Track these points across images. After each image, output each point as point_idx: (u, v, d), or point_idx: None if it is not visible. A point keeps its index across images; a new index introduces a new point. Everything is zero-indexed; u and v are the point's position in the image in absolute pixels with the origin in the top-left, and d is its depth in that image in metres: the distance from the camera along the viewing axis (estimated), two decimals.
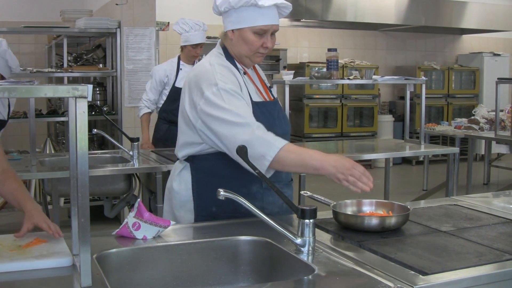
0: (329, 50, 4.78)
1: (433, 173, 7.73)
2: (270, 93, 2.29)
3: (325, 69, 4.84)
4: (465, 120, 7.15)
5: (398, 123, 9.42)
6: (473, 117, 7.11)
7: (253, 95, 2.16)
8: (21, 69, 5.34)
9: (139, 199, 1.88)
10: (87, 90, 1.39)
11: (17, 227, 1.82)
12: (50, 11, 7.59)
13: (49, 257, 1.62)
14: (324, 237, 1.88)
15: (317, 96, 9.01)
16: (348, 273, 1.55)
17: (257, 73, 2.31)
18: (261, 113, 2.12)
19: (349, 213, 2.02)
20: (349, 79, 5.17)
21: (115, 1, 5.69)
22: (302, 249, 1.70)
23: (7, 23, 6.94)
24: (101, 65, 6.22)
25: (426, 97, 5.16)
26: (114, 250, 1.74)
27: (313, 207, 1.70)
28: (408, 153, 5.21)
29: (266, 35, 2.13)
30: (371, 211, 2.05)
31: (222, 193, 1.68)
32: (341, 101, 9.11)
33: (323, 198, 2.12)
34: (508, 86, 7.77)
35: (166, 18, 7.39)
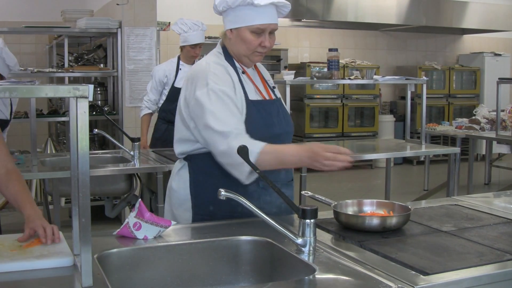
0: (330, 50, 4.78)
1: (434, 173, 7.73)
2: (272, 93, 2.29)
3: (326, 69, 4.84)
4: (466, 120, 7.15)
5: (399, 123, 9.42)
6: (474, 117, 7.10)
7: (251, 94, 2.16)
8: (22, 69, 5.34)
9: (140, 199, 1.88)
10: (88, 90, 1.39)
11: (17, 227, 1.82)
12: (51, 11, 7.60)
13: (50, 257, 1.62)
14: (325, 237, 1.88)
15: (318, 96, 9.01)
16: (349, 273, 1.55)
17: (259, 72, 2.31)
18: (257, 112, 2.13)
19: (350, 213, 2.02)
20: (350, 79, 5.17)
21: (116, 1, 5.69)
22: (303, 249, 1.70)
23: (8, 23, 6.94)
24: (102, 65, 6.23)
25: (427, 97, 5.16)
26: (115, 250, 1.74)
27: (314, 207, 1.70)
28: (409, 153, 5.21)
29: (264, 34, 2.12)
30: (372, 211, 2.05)
31: (223, 193, 1.69)
32: (342, 101, 9.11)
33: (324, 198, 2.12)
34: (509, 86, 7.78)
35: (167, 18, 7.39)
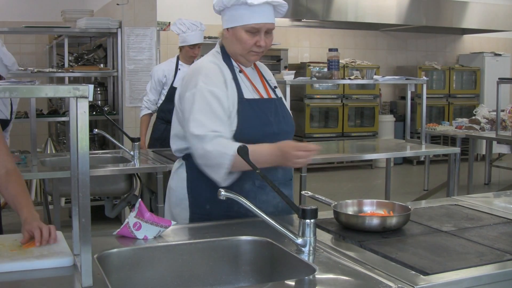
0: (330, 50, 4.78)
1: (434, 173, 7.73)
2: (273, 93, 2.29)
3: (326, 69, 4.84)
4: (466, 120, 7.15)
5: (399, 123, 9.41)
6: (474, 117, 7.11)
7: (247, 93, 2.17)
8: (22, 69, 5.35)
9: (140, 199, 1.88)
10: (88, 90, 1.39)
11: (18, 227, 1.82)
12: (51, 11, 7.60)
13: (50, 257, 1.62)
14: (325, 237, 1.88)
15: (318, 96, 9.01)
16: (349, 273, 1.55)
17: (259, 72, 2.31)
18: (252, 110, 2.13)
19: (350, 213, 2.02)
20: (350, 79, 5.17)
21: (116, 1, 5.69)
22: (303, 249, 1.70)
23: (8, 23, 6.95)
24: (102, 65, 6.23)
25: (427, 97, 5.16)
26: (115, 250, 1.74)
27: (314, 207, 1.70)
28: (409, 153, 5.21)
29: (259, 34, 2.12)
30: (372, 211, 2.05)
31: (223, 193, 1.69)
32: (342, 101, 9.11)
33: (324, 198, 2.12)
34: (509, 86, 7.78)
35: (167, 18, 7.39)
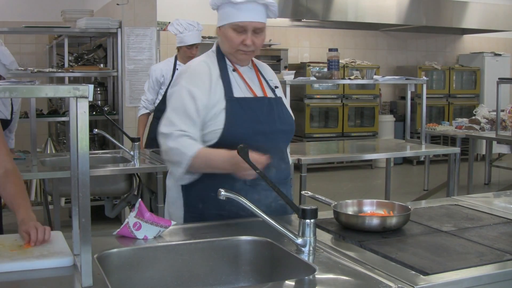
0: (330, 50, 4.78)
1: (434, 173, 7.73)
2: (272, 92, 2.28)
3: (326, 69, 4.83)
4: (466, 120, 7.15)
5: (399, 123, 9.42)
6: (474, 117, 7.11)
7: (237, 91, 2.17)
8: (22, 69, 5.35)
9: (139, 199, 1.88)
10: (88, 90, 1.39)
11: (17, 227, 1.82)
12: (51, 11, 7.60)
13: (49, 257, 1.62)
14: (325, 237, 1.88)
15: (318, 96, 9.01)
16: (349, 273, 1.55)
17: (257, 71, 2.30)
18: (241, 108, 2.13)
19: (350, 213, 2.02)
20: (350, 79, 5.16)
21: (116, 1, 5.69)
22: (303, 249, 1.70)
23: (8, 23, 6.94)
24: (102, 65, 6.23)
25: (427, 97, 5.15)
26: (115, 250, 1.74)
27: (314, 207, 1.70)
28: (409, 153, 5.21)
29: (246, 33, 2.12)
30: (372, 211, 2.05)
31: (223, 193, 1.69)
32: (342, 101, 9.11)
33: (324, 198, 2.12)
34: (509, 86, 7.78)
35: (167, 18, 7.38)
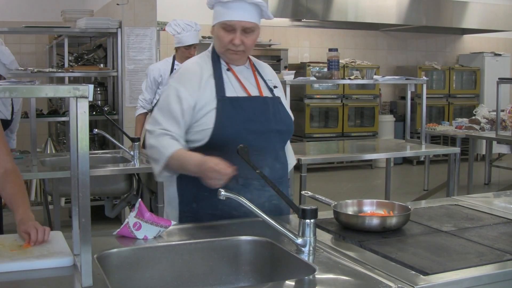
0: (330, 50, 4.78)
1: (434, 173, 7.73)
2: (270, 92, 2.28)
3: (326, 69, 4.84)
4: (466, 120, 7.15)
5: (399, 123, 9.42)
6: (474, 117, 7.11)
7: (230, 91, 2.17)
8: (22, 69, 5.35)
9: (139, 199, 1.88)
10: (88, 90, 1.39)
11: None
12: (51, 11, 7.60)
13: (49, 257, 1.62)
14: (325, 237, 1.88)
15: (318, 96, 9.01)
16: (349, 273, 1.55)
17: (254, 71, 2.29)
18: (232, 108, 2.13)
19: (350, 213, 2.02)
20: (350, 79, 5.16)
21: (116, 1, 5.69)
22: (303, 249, 1.70)
23: (8, 23, 6.94)
24: (102, 65, 6.22)
25: (427, 97, 5.16)
26: (115, 250, 1.74)
27: (314, 207, 1.70)
28: (409, 153, 5.22)
29: (235, 32, 2.12)
30: (372, 211, 2.05)
31: (223, 193, 1.69)
32: (342, 101, 9.11)
33: (324, 198, 2.12)
34: (509, 86, 7.78)
35: (167, 18, 7.35)
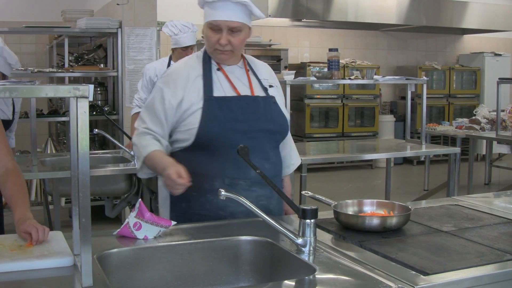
0: (330, 50, 4.78)
1: (434, 173, 7.73)
2: (264, 91, 2.26)
3: (326, 69, 4.84)
4: (466, 120, 7.15)
5: (399, 123, 9.41)
6: (474, 117, 7.11)
7: (218, 90, 2.17)
8: (22, 69, 5.35)
9: (140, 199, 1.88)
10: (88, 90, 1.39)
11: None
12: (51, 11, 7.60)
13: (50, 257, 1.62)
14: (325, 237, 1.88)
15: (318, 96, 9.01)
16: (349, 273, 1.55)
17: (247, 70, 2.28)
18: (219, 108, 2.14)
19: (350, 213, 2.02)
20: (350, 79, 5.16)
21: (116, 1, 5.69)
22: (303, 249, 1.70)
23: (8, 23, 6.94)
24: (102, 65, 6.22)
25: (427, 97, 5.16)
26: (115, 250, 1.74)
27: (314, 207, 1.70)
28: (409, 153, 5.21)
29: (221, 32, 2.13)
30: (372, 211, 2.05)
31: (223, 193, 1.70)
32: (342, 101, 9.11)
33: (324, 198, 2.12)
34: (509, 86, 7.77)
35: (167, 18, 7.32)
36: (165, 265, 1.77)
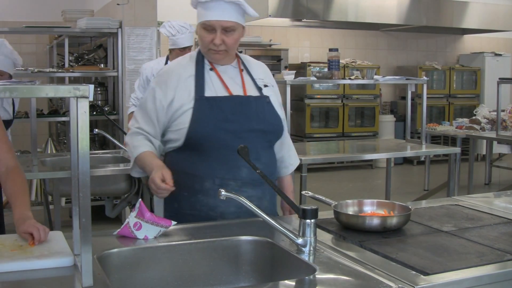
0: (331, 50, 4.78)
1: (435, 173, 7.73)
2: (258, 91, 2.25)
3: (326, 69, 4.84)
4: (466, 120, 7.15)
5: (399, 123, 9.42)
6: (474, 117, 7.11)
7: (210, 90, 2.17)
8: (23, 69, 5.35)
9: (140, 199, 1.88)
10: (89, 90, 1.39)
11: None
12: (51, 11, 7.61)
13: (50, 257, 1.62)
14: (325, 237, 1.88)
15: (318, 96, 9.01)
16: (349, 273, 1.55)
17: (241, 69, 2.27)
18: (209, 108, 2.13)
19: (351, 213, 2.02)
20: (350, 79, 5.16)
21: (116, 1, 5.69)
22: (303, 249, 1.70)
23: (8, 23, 6.95)
24: (102, 65, 6.23)
25: (427, 97, 5.15)
26: (115, 250, 1.74)
27: (314, 207, 1.70)
28: (409, 153, 5.21)
29: (215, 32, 2.12)
30: (373, 211, 2.05)
31: (223, 193, 1.70)
32: (342, 101, 9.11)
33: (324, 198, 2.12)
34: (509, 86, 7.78)
35: (167, 18, 7.31)
36: (166, 265, 1.77)
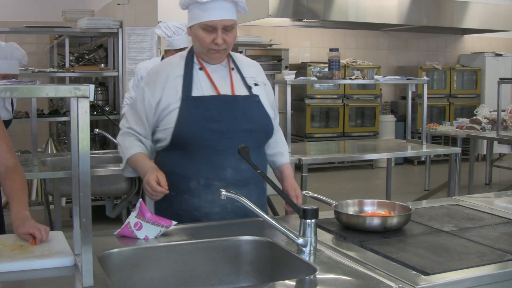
0: (331, 50, 4.77)
1: (435, 173, 7.73)
2: (247, 90, 2.23)
3: (327, 69, 4.83)
4: (467, 120, 7.15)
5: (400, 123, 9.41)
6: (475, 117, 7.10)
7: (197, 90, 2.16)
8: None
9: (140, 199, 1.88)
10: (89, 90, 1.38)
11: None
12: (52, 11, 7.61)
13: (50, 257, 1.62)
14: (325, 237, 1.88)
15: (318, 96, 9.01)
16: (349, 273, 1.55)
17: (230, 68, 2.25)
18: (195, 107, 2.12)
19: (351, 213, 2.02)
20: (351, 79, 5.16)
21: (117, 1, 5.70)
22: (303, 249, 1.70)
23: (9, 23, 6.95)
24: (102, 65, 6.23)
25: (428, 97, 5.16)
26: (116, 250, 1.74)
27: (314, 207, 1.70)
28: (410, 153, 5.21)
29: (216, 31, 2.11)
30: (373, 211, 2.05)
31: (223, 193, 1.70)
32: (342, 101, 9.11)
33: (325, 198, 2.12)
34: (510, 86, 7.76)
35: (167, 18, 7.31)
36: (166, 265, 1.77)
